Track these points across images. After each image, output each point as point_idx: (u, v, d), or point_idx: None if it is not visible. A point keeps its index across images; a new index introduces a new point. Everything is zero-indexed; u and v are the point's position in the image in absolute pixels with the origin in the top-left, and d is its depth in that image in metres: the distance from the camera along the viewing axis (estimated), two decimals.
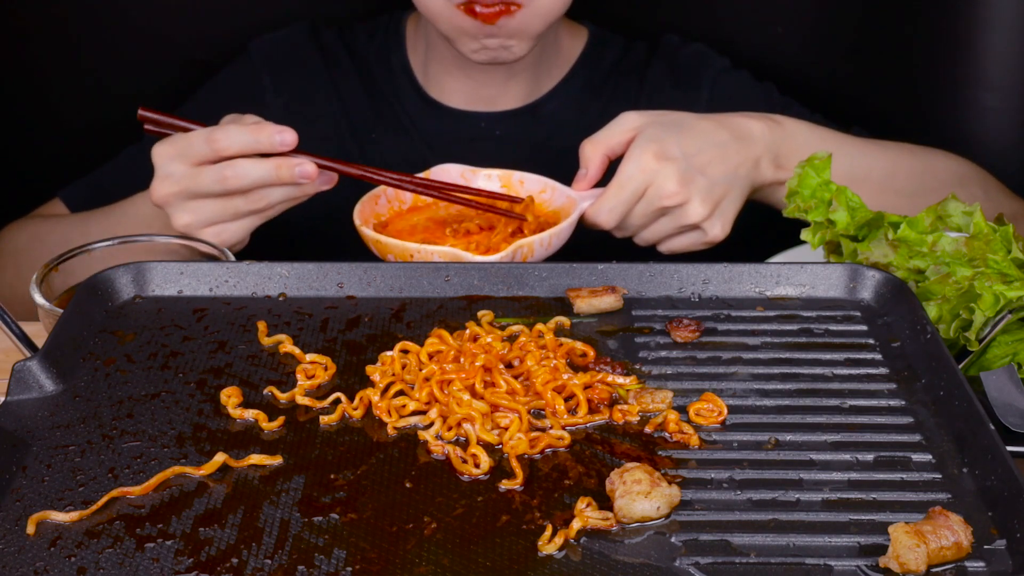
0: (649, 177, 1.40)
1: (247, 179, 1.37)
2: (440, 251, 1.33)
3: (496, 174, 1.49)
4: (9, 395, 1.06)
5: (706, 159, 1.42)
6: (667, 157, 1.40)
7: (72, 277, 1.34)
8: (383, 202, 1.49)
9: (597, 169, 1.44)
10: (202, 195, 1.39)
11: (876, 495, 0.96)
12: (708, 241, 1.45)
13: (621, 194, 1.40)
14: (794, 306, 1.21)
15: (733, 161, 1.44)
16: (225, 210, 1.39)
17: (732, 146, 1.44)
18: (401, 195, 1.49)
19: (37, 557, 0.90)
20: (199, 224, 1.40)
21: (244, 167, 1.37)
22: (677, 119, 1.45)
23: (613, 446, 1.02)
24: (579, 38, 1.77)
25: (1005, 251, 1.24)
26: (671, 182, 1.40)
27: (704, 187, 1.41)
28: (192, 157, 1.37)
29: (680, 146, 1.41)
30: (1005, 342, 1.22)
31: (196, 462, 0.99)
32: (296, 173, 1.37)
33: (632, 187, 1.40)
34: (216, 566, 0.89)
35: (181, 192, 1.38)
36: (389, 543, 0.91)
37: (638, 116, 1.44)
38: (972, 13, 1.72)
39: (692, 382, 1.10)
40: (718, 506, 0.95)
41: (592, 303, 1.20)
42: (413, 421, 1.05)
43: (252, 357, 1.14)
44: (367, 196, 1.47)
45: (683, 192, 1.40)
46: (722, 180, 1.43)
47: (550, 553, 0.90)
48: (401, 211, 1.49)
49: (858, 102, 1.81)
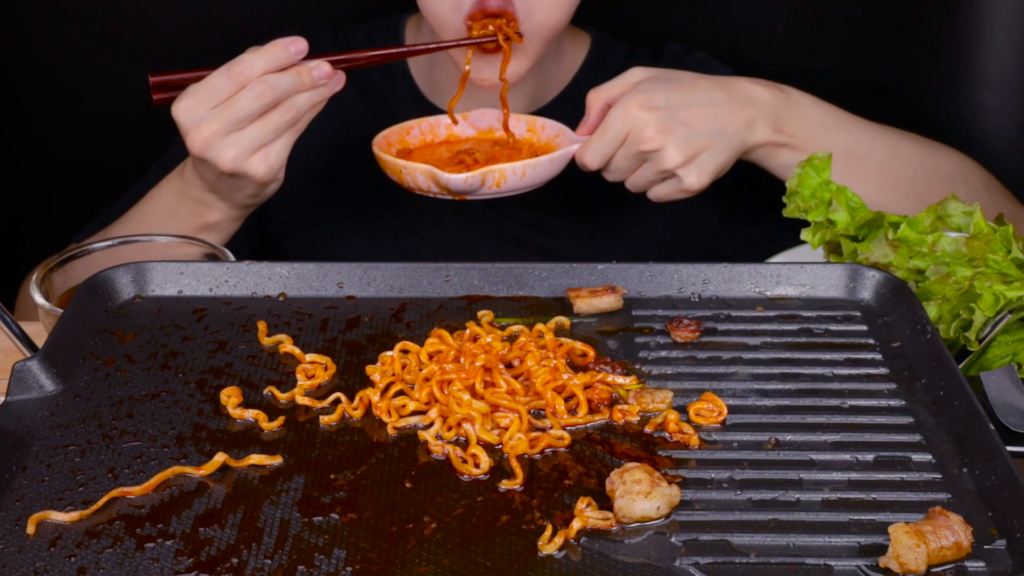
0: (630, 123, 1.48)
1: (280, 89, 1.42)
2: (422, 168, 1.45)
3: (524, 119, 1.62)
4: (9, 395, 1.06)
5: (691, 113, 1.49)
6: (651, 107, 1.48)
7: (72, 277, 1.34)
8: (416, 132, 1.61)
9: (596, 115, 1.53)
10: (242, 122, 1.42)
11: (876, 495, 0.96)
12: (684, 189, 1.52)
13: (604, 137, 1.49)
14: (794, 306, 1.21)
15: (722, 119, 1.50)
16: (265, 129, 1.43)
17: (725, 105, 1.51)
18: (436, 128, 1.61)
19: (37, 557, 0.90)
20: (246, 152, 1.43)
21: (275, 79, 1.42)
22: (677, 76, 1.53)
23: (613, 446, 1.02)
24: (582, 45, 1.77)
25: (1005, 251, 1.24)
26: (649, 128, 1.48)
27: (683, 137, 1.48)
28: (218, 97, 1.42)
29: (667, 98, 1.49)
30: (1005, 342, 1.22)
31: (196, 462, 0.99)
32: (315, 76, 1.44)
33: (614, 131, 1.49)
34: (216, 566, 0.89)
35: (220, 129, 1.41)
36: (389, 543, 0.91)
37: (643, 71, 1.53)
38: (972, 13, 1.72)
39: (692, 382, 1.10)
40: (718, 506, 0.95)
41: (592, 303, 1.20)
42: (413, 421, 1.05)
43: (252, 357, 1.14)
44: (397, 127, 1.59)
45: (659, 139, 1.48)
46: (704, 133, 1.50)
47: (550, 553, 0.90)
48: (432, 142, 1.61)
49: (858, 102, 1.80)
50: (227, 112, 1.41)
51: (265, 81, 1.42)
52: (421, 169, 1.45)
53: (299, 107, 1.44)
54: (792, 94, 1.55)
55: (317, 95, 1.46)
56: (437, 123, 1.61)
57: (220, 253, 1.36)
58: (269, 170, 1.45)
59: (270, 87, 1.42)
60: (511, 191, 1.48)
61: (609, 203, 1.70)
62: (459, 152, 1.57)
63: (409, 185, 1.48)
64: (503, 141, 1.59)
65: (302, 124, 1.47)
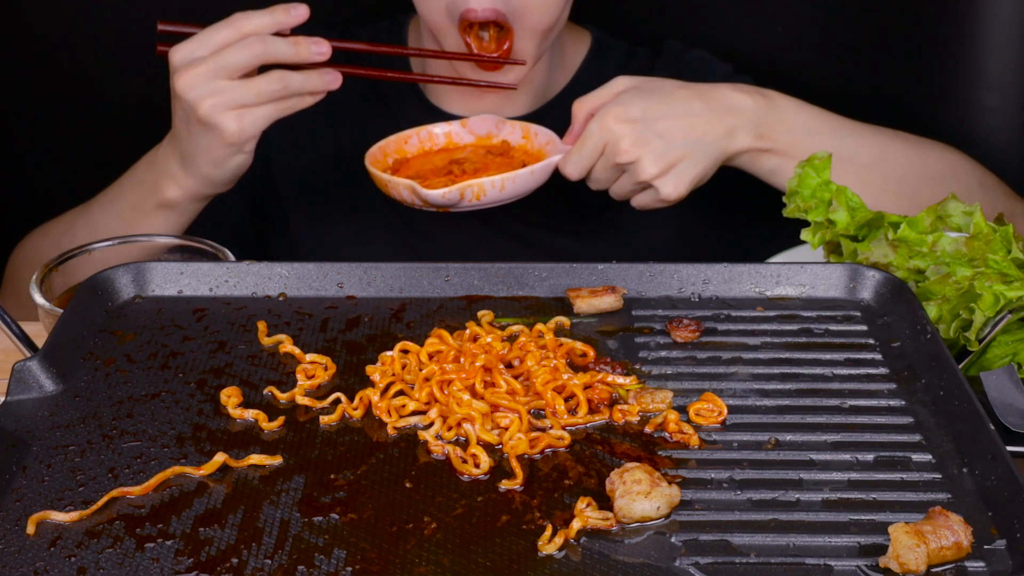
0: (607, 135, 1.51)
1: (274, 52, 1.43)
2: (404, 183, 1.47)
3: (519, 125, 1.64)
4: (9, 395, 1.06)
5: (668, 124, 1.51)
6: (627, 119, 1.50)
7: (72, 277, 1.34)
8: (414, 141, 1.62)
9: (580, 125, 1.55)
10: (230, 70, 1.42)
11: (876, 495, 0.96)
12: (662, 199, 1.54)
13: (583, 149, 1.52)
14: (794, 306, 1.21)
15: (700, 129, 1.52)
16: (250, 91, 1.43)
17: (703, 115, 1.52)
18: (435, 136, 1.62)
19: (37, 557, 0.90)
20: (225, 104, 1.43)
21: (272, 41, 1.44)
22: (658, 86, 1.55)
23: (613, 446, 1.02)
24: (582, 43, 1.77)
25: (1005, 251, 1.24)
26: (625, 141, 1.50)
27: (658, 149, 1.50)
28: (212, 44, 1.43)
29: (644, 110, 1.51)
30: (1005, 342, 1.22)
31: (196, 462, 0.99)
32: (312, 50, 1.45)
33: (591, 143, 1.51)
34: (216, 566, 0.89)
35: (206, 71, 1.42)
36: (389, 543, 0.91)
37: (626, 80, 1.55)
38: (972, 13, 1.72)
39: (692, 382, 1.10)
40: (718, 506, 0.95)
41: (592, 303, 1.20)
42: (413, 421, 1.05)
43: (252, 357, 1.14)
44: (395, 136, 1.61)
45: (634, 151, 1.50)
46: (681, 144, 1.51)
47: (550, 553, 0.90)
48: (430, 151, 1.62)
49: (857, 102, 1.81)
50: (218, 57, 1.42)
51: (261, 38, 1.43)
52: (403, 184, 1.47)
53: (289, 83, 1.45)
54: (775, 99, 1.56)
55: (310, 83, 1.46)
56: (436, 131, 1.62)
57: (220, 253, 1.36)
58: (241, 132, 1.44)
59: (262, 42, 1.43)
60: (492, 203, 1.49)
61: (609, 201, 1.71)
62: (451, 162, 1.59)
63: (395, 198, 1.50)
64: (496, 149, 1.61)
65: (289, 106, 1.47)
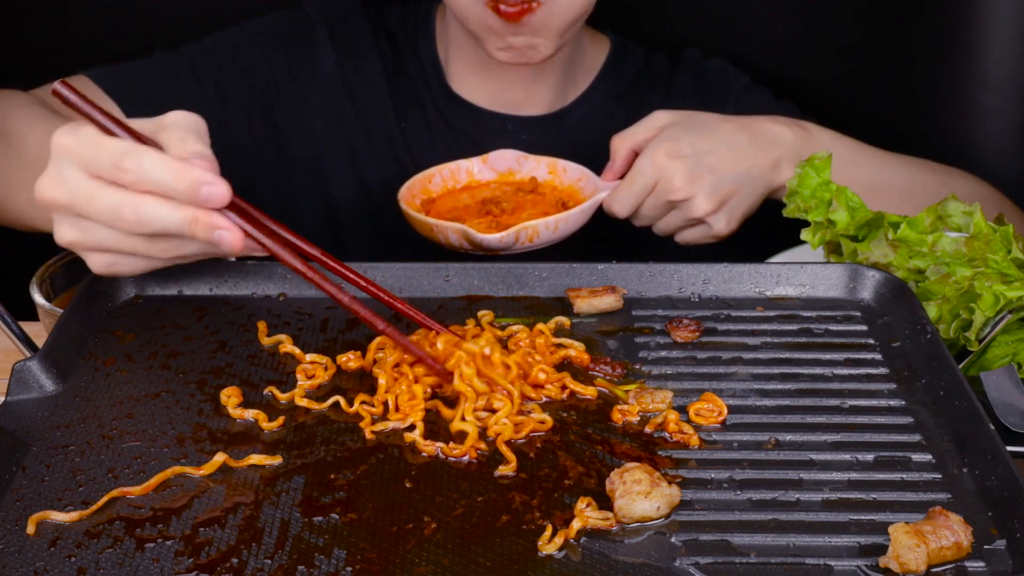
0: (659, 173, 1.48)
1: (149, 226, 1.07)
2: (454, 227, 1.41)
3: (545, 161, 1.60)
4: (9, 395, 1.06)
5: (717, 159, 1.49)
6: (678, 155, 1.48)
7: (72, 277, 1.34)
8: (437, 180, 1.59)
9: (623, 162, 1.53)
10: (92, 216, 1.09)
11: (876, 495, 0.96)
12: (714, 235, 1.53)
13: (632, 187, 1.49)
14: (794, 306, 1.21)
15: (747, 162, 1.51)
16: (119, 243, 1.10)
17: (748, 148, 1.51)
18: (457, 175, 1.60)
19: (37, 557, 0.90)
20: (86, 247, 1.11)
21: (150, 209, 1.05)
22: (701, 120, 1.53)
23: (613, 446, 1.02)
24: (602, 47, 1.77)
25: (1005, 251, 1.24)
26: (678, 178, 1.48)
27: (710, 184, 1.49)
28: (93, 169, 1.06)
29: (693, 145, 1.49)
30: (1005, 342, 1.22)
31: (196, 462, 0.99)
32: (215, 237, 1.06)
33: (642, 181, 1.49)
34: (216, 566, 0.89)
35: (69, 206, 1.08)
36: (389, 543, 0.91)
37: (667, 115, 1.53)
38: (972, 13, 1.72)
39: (692, 382, 1.10)
40: (718, 506, 0.95)
41: (592, 303, 1.20)
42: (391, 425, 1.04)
43: (252, 357, 1.14)
44: (419, 176, 1.57)
45: (688, 188, 1.48)
46: (731, 179, 1.50)
47: (550, 553, 0.90)
48: (454, 189, 1.60)
49: (857, 102, 1.81)
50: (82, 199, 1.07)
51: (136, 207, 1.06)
52: (453, 228, 1.40)
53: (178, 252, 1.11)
54: (813, 131, 1.56)
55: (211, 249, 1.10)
56: (457, 169, 1.60)
57: None
58: (107, 272, 1.14)
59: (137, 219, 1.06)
60: (544, 244, 1.45)
61: None
62: (484, 201, 1.56)
63: (440, 242, 1.44)
64: (527, 186, 1.58)
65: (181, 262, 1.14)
